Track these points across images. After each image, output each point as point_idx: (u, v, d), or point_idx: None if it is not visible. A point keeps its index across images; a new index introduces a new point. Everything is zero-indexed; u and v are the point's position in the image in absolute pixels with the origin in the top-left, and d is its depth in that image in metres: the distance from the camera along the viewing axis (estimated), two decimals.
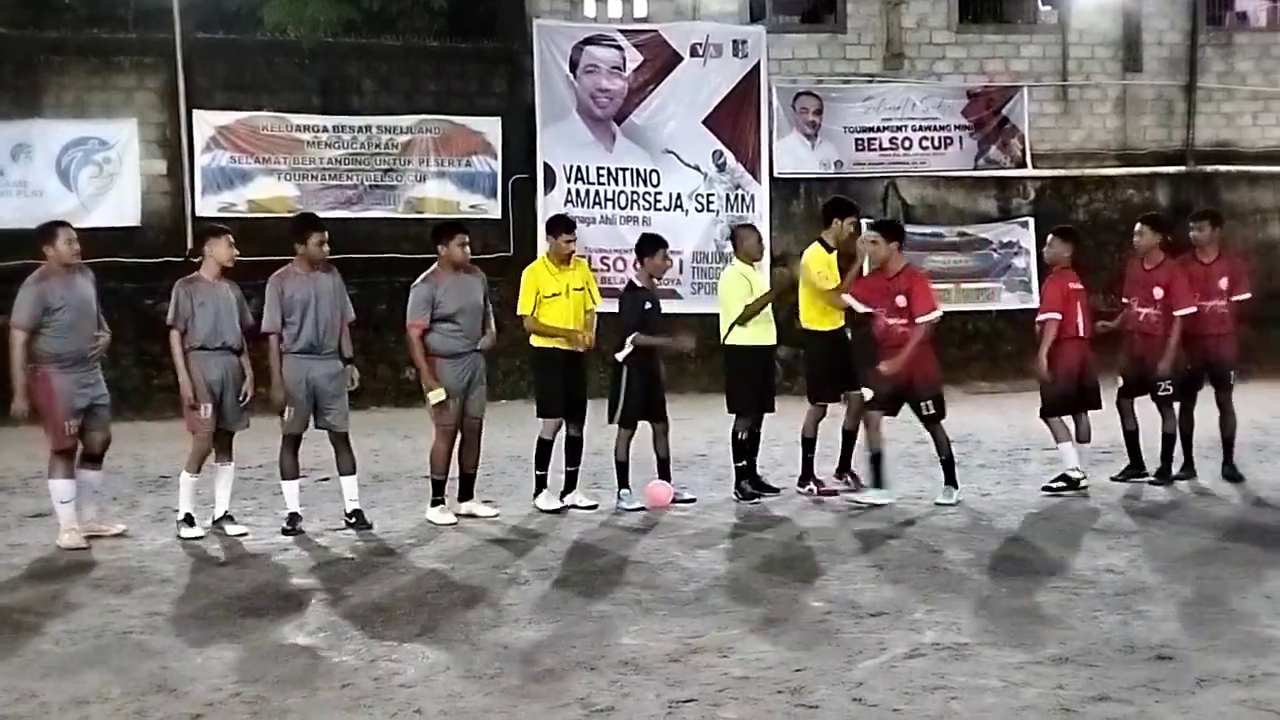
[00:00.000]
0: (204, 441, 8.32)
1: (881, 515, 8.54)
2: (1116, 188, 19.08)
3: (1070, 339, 9.24)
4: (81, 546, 7.97)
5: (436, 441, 8.68)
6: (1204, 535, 7.69)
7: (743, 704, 4.84)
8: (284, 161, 16.44)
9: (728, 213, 16.97)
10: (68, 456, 8.09)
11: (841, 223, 9.43)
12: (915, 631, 5.72)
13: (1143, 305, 9.46)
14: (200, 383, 8.22)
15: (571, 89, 16.70)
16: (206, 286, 8.34)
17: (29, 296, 7.93)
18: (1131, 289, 9.64)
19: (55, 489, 8.06)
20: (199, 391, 8.22)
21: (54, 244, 8.06)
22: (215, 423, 8.32)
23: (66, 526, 8.04)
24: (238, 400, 8.42)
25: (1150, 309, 9.41)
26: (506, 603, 6.49)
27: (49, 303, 7.94)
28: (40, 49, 16.30)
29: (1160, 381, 9.34)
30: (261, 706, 4.97)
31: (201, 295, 8.28)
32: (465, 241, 8.78)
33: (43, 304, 7.92)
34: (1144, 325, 9.47)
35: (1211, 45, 19.49)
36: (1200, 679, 4.96)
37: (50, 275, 8.03)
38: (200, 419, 8.27)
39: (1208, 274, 9.55)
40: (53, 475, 8.06)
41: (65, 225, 8.32)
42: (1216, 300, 9.53)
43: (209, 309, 8.26)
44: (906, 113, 18.22)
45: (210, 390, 8.26)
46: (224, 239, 8.50)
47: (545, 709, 4.84)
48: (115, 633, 6.13)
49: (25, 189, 15.79)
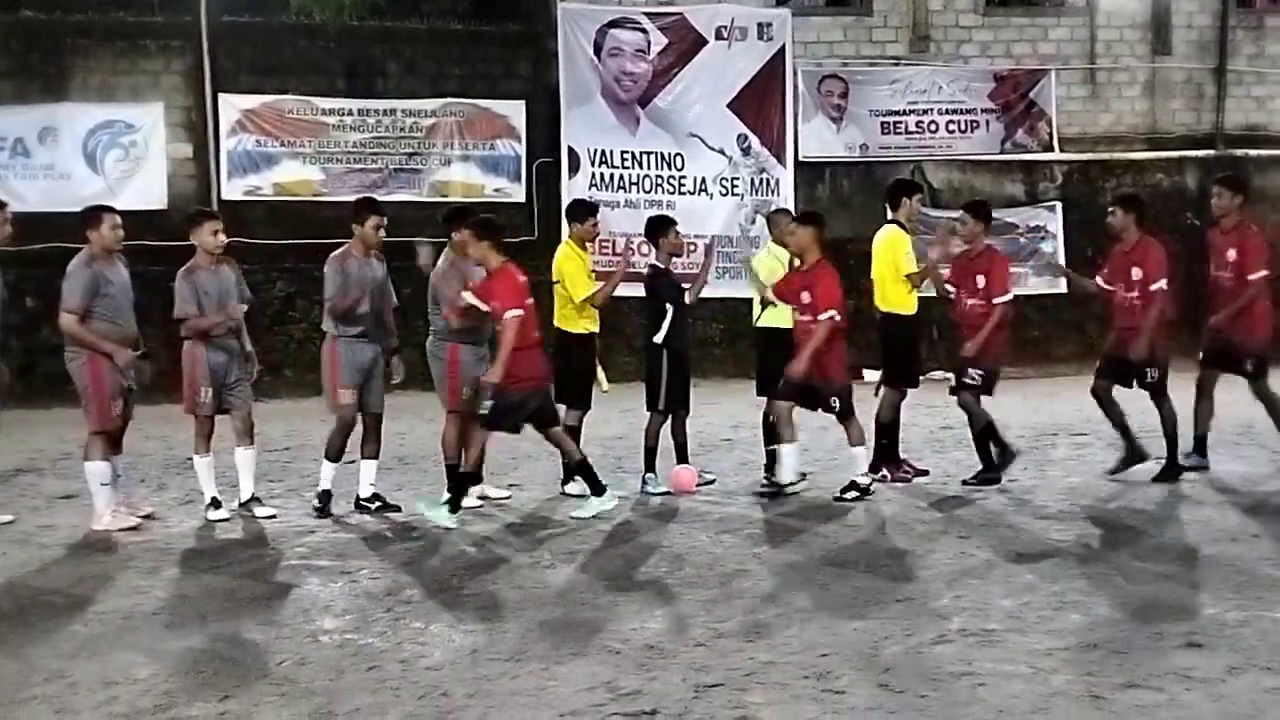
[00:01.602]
0: (206, 423, 8.34)
1: (908, 501, 8.50)
2: (1145, 172, 18.91)
3: None
4: (130, 526, 8.02)
5: (448, 427, 8.66)
6: (1233, 522, 7.63)
7: (769, 689, 4.83)
8: (309, 145, 16.46)
9: (752, 197, 16.93)
10: (108, 439, 8.12)
11: (910, 201, 9.40)
12: (942, 617, 5.70)
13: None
14: (204, 368, 8.23)
15: (596, 72, 16.66)
16: (207, 274, 8.30)
17: (80, 280, 7.94)
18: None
19: (94, 471, 8.08)
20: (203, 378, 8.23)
21: (99, 229, 8.09)
22: (216, 405, 8.33)
23: (108, 508, 8.08)
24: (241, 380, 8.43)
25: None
26: (532, 586, 6.50)
27: (99, 286, 7.97)
28: (66, 33, 16.34)
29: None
30: (289, 689, 4.99)
31: (204, 283, 8.25)
32: None
33: (94, 287, 7.94)
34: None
35: (1242, 28, 19.29)
36: (1231, 667, 4.93)
37: (96, 259, 8.06)
38: (200, 402, 8.27)
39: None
40: (90, 457, 8.08)
41: (110, 210, 8.33)
42: (1225, 273, 9.16)
43: (213, 297, 8.24)
44: (933, 96, 18.10)
45: (214, 374, 8.26)
46: (206, 225, 8.42)
47: (571, 692, 4.85)
48: (144, 614, 6.17)
49: (52, 172, 15.86)
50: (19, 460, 10.88)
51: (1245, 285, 8.96)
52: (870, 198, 15.85)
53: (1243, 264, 8.98)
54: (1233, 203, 9.17)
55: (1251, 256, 8.96)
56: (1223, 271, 9.11)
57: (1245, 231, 9.12)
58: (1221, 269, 9.12)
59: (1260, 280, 8.94)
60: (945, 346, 17.32)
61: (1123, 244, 9.14)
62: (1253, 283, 8.93)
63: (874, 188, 15.23)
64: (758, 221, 16.30)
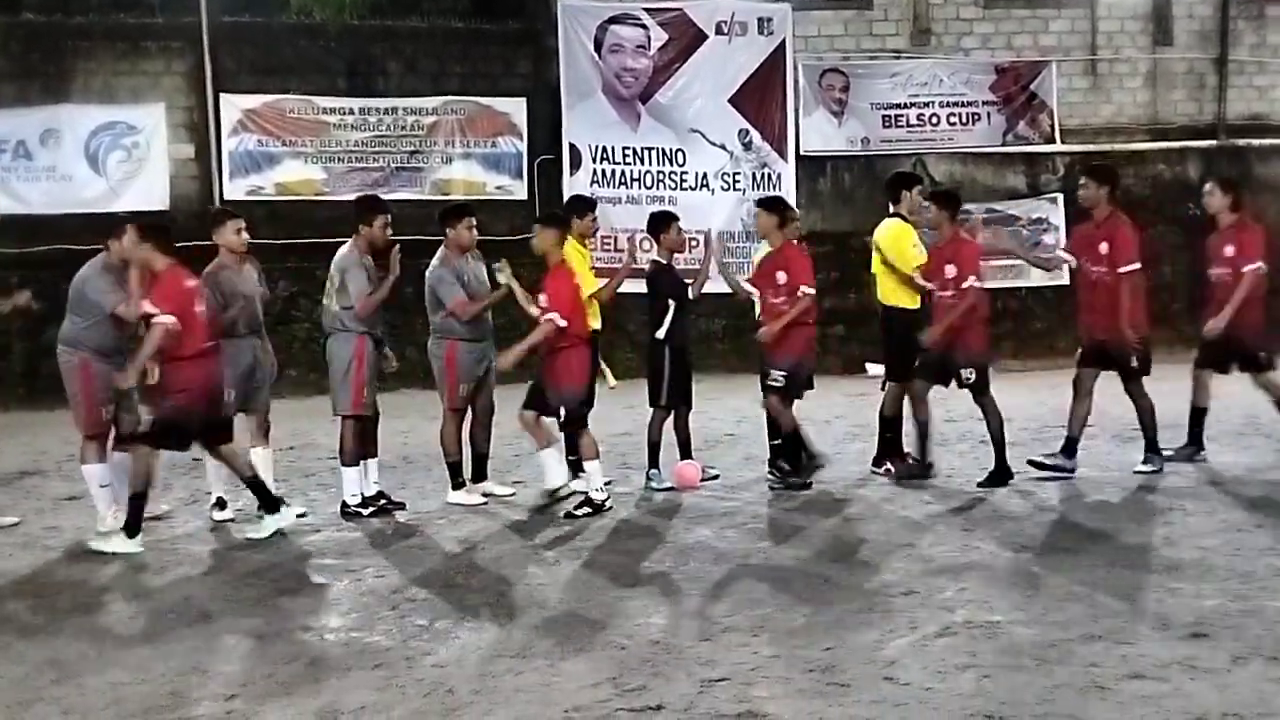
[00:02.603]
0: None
1: (914, 495, 8.50)
2: (1147, 163, 18.88)
3: None
4: None
5: (446, 424, 8.68)
6: (1237, 512, 7.62)
7: (774, 683, 4.84)
8: (310, 144, 16.46)
9: (754, 192, 16.85)
10: (100, 441, 8.14)
11: (911, 193, 9.37)
12: (947, 610, 5.71)
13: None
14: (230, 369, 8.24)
15: (596, 69, 16.65)
16: (232, 275, 8.32)
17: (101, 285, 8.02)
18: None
19: (92, 474, 8.10)
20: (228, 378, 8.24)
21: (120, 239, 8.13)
22: (238, 405, 8.35)
23: (110, 509, 8.09)
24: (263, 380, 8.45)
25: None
26: (537, 583, 6.51)
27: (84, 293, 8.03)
28: (67, 34, 16.34)
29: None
30: (295, 687, 5.01)
31: (232, 285, 8.27)
32: (473, 224, 8.80)
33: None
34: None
35: (1243, 18, 19.24)
36: (1236, 657, 4.93)
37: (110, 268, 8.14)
38: (225, 402, 8.28)
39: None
40: (86, 460, 8.10)
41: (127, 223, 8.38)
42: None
43: (237, 297, 8.25)
44: (934, 89, 18.06)
45: (238, 374, 8.28)
46: (229, 224, 8.45)
47: (577, 688, 4.86)
48: (150, 614, 6.19)
49: (54, 174, 15.85)
50: (24, 462, 10.90)
51: (1118, 279, 8.59)
52: (872, 191, 15.87)
53: (1114, 258, 8.62)
54: (1099, 193, 8.80)
55: (1123, 249, 8.61)
56: (1097, 266, 8.72)
57: (1116, 223, 8.78)
58: (1097, 263, 8.72)
59: (1133, 273, 8.60)
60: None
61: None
62: (1124, 276, 8.58)
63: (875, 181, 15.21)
64: None
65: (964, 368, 8.77)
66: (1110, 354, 8.75)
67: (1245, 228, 9.25)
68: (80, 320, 8.04)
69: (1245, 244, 9.12)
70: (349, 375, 8.33)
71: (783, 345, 8.77)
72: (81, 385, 8.02)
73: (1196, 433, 9.30)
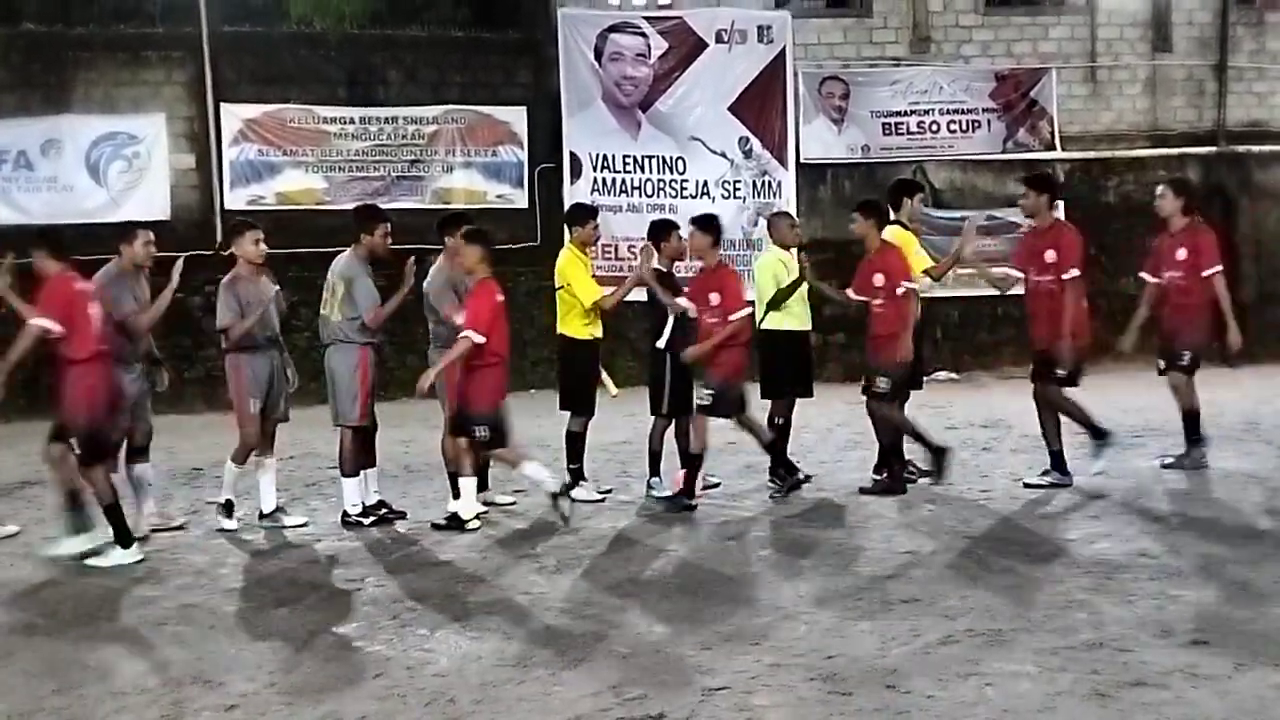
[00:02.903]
0: (252, 436, 8.34)
1: (913, 502, 8.50)
2: (1147, 169, 18.87)
3: None
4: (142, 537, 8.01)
5: (447, 434, 8.65)
6: (1238, 519, 7.62)
7: (775, 691, 4.83)
8: (311, 154, 16.49)
9: (754, 199, 16.93)
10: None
11: (912, 201, 9.41)
12: (948, 618, 5.70)
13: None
14: (252, 380, 8.26)
15: (596, 77, 16.68)
16: (249, 285, 8.32)
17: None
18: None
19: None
20: (251, 389, 8.25)
21: (131, 244, 8.21)
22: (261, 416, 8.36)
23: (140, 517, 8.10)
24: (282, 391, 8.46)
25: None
26: (538, 592, 6.50)
27: None
28: (68, 45, 16.38)
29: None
30: (295, 697, 5.00)
31: (248, 294, 8.26)
32: None
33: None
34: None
35: (1242, 24, 19.26)
36: (1237, 663, 4.92)
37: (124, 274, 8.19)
38: (250, 414, 8.29)
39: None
40: None
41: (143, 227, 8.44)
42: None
43: (254, 307, 8.25)
44: (934, 96, 18.10)
45: (259, 385, 8.29)
46: (248, 234, 8.44)
47: (578, 697, 4.85)
48: (151, 624, 6.18)
49: (55, 184, 15.89)
50: (25, 472, 10.90)
51: (1063, 286, 8.51)
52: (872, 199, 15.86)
53: (1059, 265, 8.54)
54: (1039, 202, 8.79)
55: (1068, 255, 8.52)
56: (1044, 275, 8.62)
57: (1060, 230, 8.78)
58: (1044, 272, 8.63)
59: (1077, 279, 8.52)
60: (949, 347, 17.41)
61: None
62: (1069, 283, 8.49)
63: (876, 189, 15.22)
64: (759, 224, 16.30)
65: (880, 376, 8.72)
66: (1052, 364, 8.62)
67: (1199, 231, 9.18)
68: None
69: (1202, 248, 9.07)
70: (353, 386, 8.32)
71: (713, 365, 8.63)
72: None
73: (1196, 437, 9.25)
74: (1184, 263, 9.06)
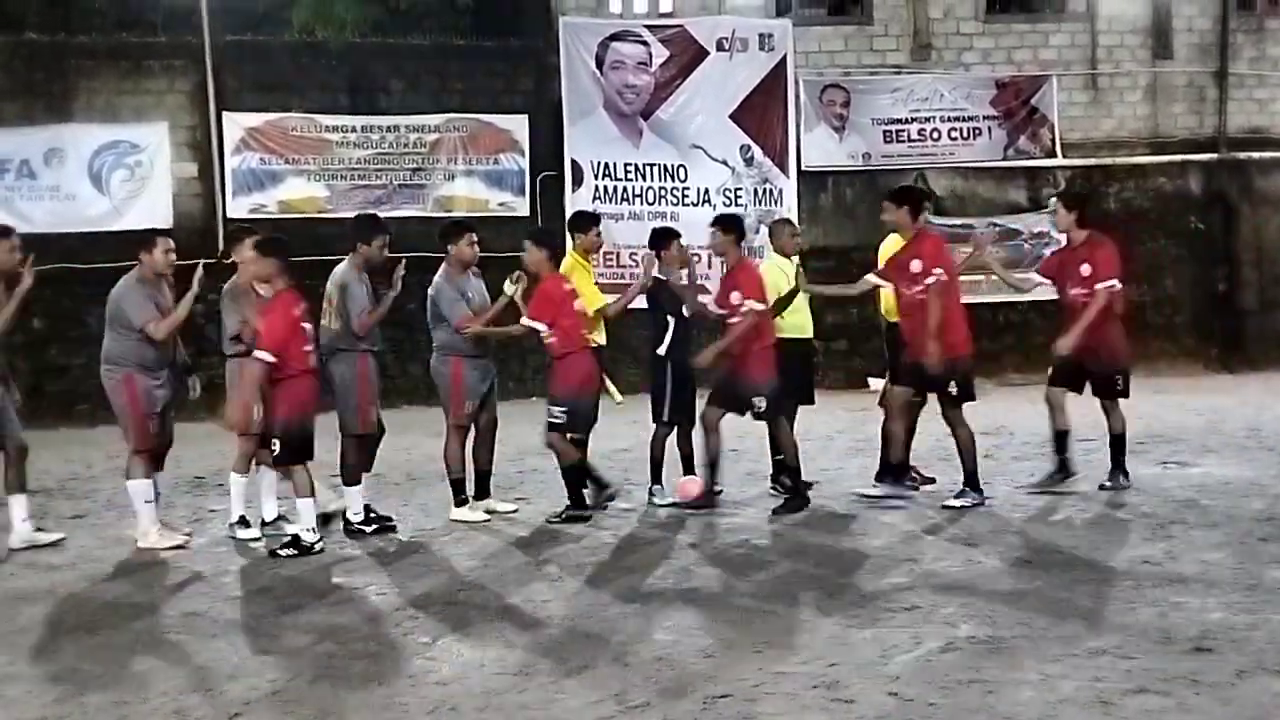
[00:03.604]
0: (252, 442, 8.35)
1: (915, 509, 8.50)
2: (1148, 176, 18.92)
3: None
4: (176, 544, 8.04)
5: (449, 441, 8.67)
6: (1240, 525, 7.62)
7: (778, 699, 4.83)
8: (313, 162, 16.51)
9: (756, 207, 16.94)
10: (148, 456, 8.14)
11: None
12: (950, 625, 5.70)
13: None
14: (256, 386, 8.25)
15: (598, 85, 16.71)
16: (249, 292, 8.33)
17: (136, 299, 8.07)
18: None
19: (136, 490, 8.09)
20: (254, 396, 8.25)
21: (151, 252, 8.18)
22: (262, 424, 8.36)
23: (154, 526, 8.10)
24: None
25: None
26: (540, 599, 6.50)
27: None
28: (71, 54, 16.41)
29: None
30: (298, 705, 5.00)
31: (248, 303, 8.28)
32: (474, 241, 8.80)
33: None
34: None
35: (1243, 31, 19.30)
36: (1240, 671, 4.92)
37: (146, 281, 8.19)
38: (254, 420, 8.29)
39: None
40: (132, 476, 8.09)
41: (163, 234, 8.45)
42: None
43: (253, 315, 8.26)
44: (935, 104, 18.13)
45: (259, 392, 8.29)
46: (248, 242, 8.41)
47: (581, 704, 4.85)
48: (153, 632, 6.18)
49: (58, 193, 15.91)
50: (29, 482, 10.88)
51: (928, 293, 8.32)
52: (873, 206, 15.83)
53: (923, 275, 8.36)
54: (899, 214, 8.54)
55: (930, 263, 8.34)
56: (913, 286, 8.42)
57: (922, 239, 8.57)
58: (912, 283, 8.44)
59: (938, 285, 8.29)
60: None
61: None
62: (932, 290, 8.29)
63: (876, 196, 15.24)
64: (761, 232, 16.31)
65: (754, 396, 8.58)
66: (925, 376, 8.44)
67: (1097, 244, 8.94)
68: (120, 336, 8.05)
69: (1099, 261, 8.80)
70: (354, 395, 8.33)
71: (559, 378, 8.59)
72: (128, 401, 8.03)
73: (1063, 459, 8.91)
74: (1088, 279, 8.76)
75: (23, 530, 8.16)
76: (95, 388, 8.41)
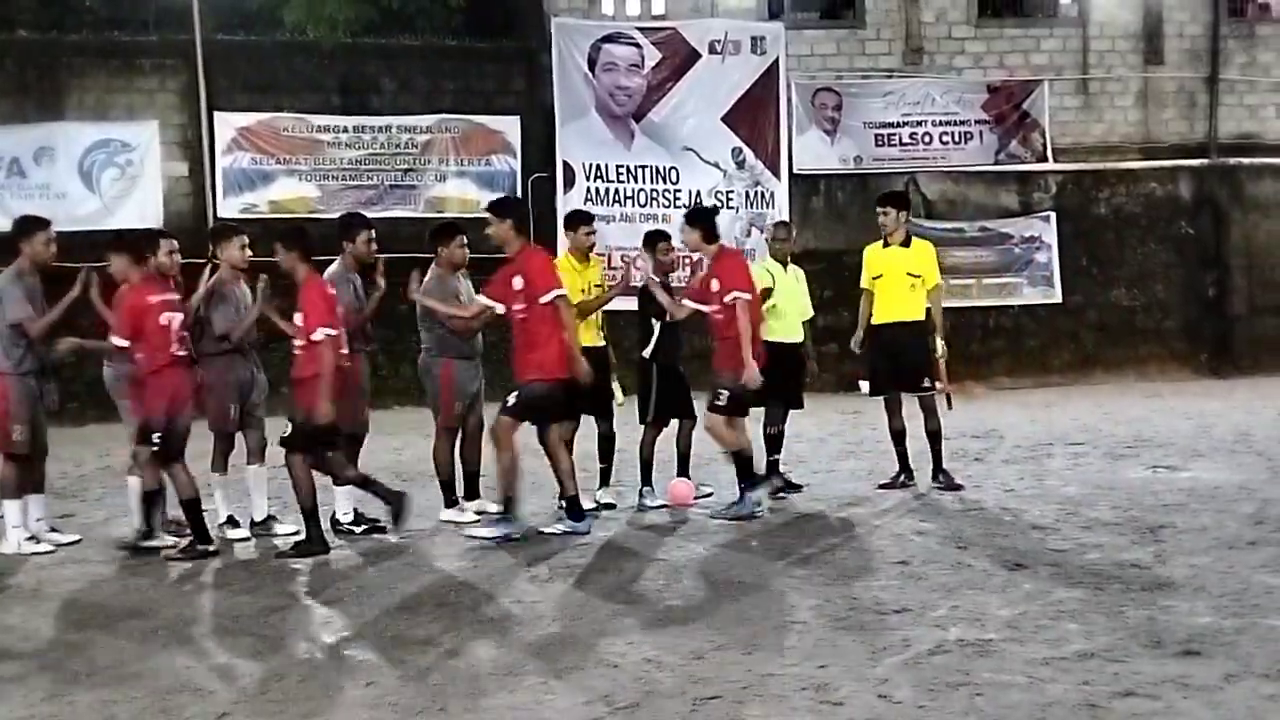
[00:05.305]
0: (229, 440, 8.33)
1: (905, 512, 8.51)
2: (1139, 181, 18.99)
3: None
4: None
5: (437, 443, 8.66)
6: (1229, 529, 7.64)
7: (766, 701, 4.83)
8: (304, 162, 16.51)
9: (747, 210, 16.97)
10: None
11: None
12: (939, 628, 5.70)
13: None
14: (233, 385, 8.26)
15: (590, 87, 16.71)
16: (229, 289, 8.33)
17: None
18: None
19: (136, 487, 8.06)
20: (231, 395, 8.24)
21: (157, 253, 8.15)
22: (239, 422, 8.35)
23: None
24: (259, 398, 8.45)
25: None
26: (530, 601, 6.49)
27: None
28: (62, 52, 16.40)
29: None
30: (287, 705, 4.99)
31: (235, 298, 8.29)
32: (464, 243, 8.78)
33: None
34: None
35: (1234, 37, 19.38)
36: (1228, 674, 4.93)
37: None
38: (231, 419, 8.29)
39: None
40: (133, 473, 8.07)
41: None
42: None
43: (232, 309, 8.27)
44: (926, 108, 18.18)
45: (240, 391, 8.29)
46: (235, 240, 8.47)
47: (569, 706, 4.85)
48: (141, 632, 6.16)
49: (48, 191, 15.90)
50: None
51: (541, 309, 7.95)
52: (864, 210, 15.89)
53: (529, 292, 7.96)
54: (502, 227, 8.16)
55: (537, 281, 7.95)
56: (516, 304, 8.02)
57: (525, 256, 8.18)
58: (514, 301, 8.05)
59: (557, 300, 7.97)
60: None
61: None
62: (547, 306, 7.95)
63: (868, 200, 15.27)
64: (753, 234, 16.36)
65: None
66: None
67: (723, 258, 8.77)
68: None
69: (725, 275, 8.58)
70: None
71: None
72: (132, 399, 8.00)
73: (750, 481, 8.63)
74: (717, 294, 8.53)
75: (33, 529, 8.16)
76: (85, 386, 8.41)
